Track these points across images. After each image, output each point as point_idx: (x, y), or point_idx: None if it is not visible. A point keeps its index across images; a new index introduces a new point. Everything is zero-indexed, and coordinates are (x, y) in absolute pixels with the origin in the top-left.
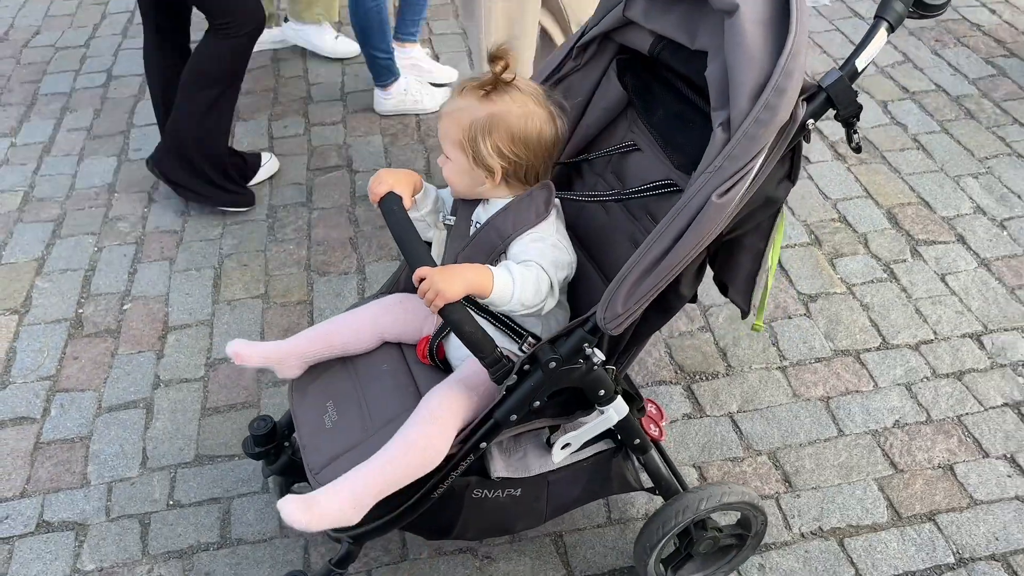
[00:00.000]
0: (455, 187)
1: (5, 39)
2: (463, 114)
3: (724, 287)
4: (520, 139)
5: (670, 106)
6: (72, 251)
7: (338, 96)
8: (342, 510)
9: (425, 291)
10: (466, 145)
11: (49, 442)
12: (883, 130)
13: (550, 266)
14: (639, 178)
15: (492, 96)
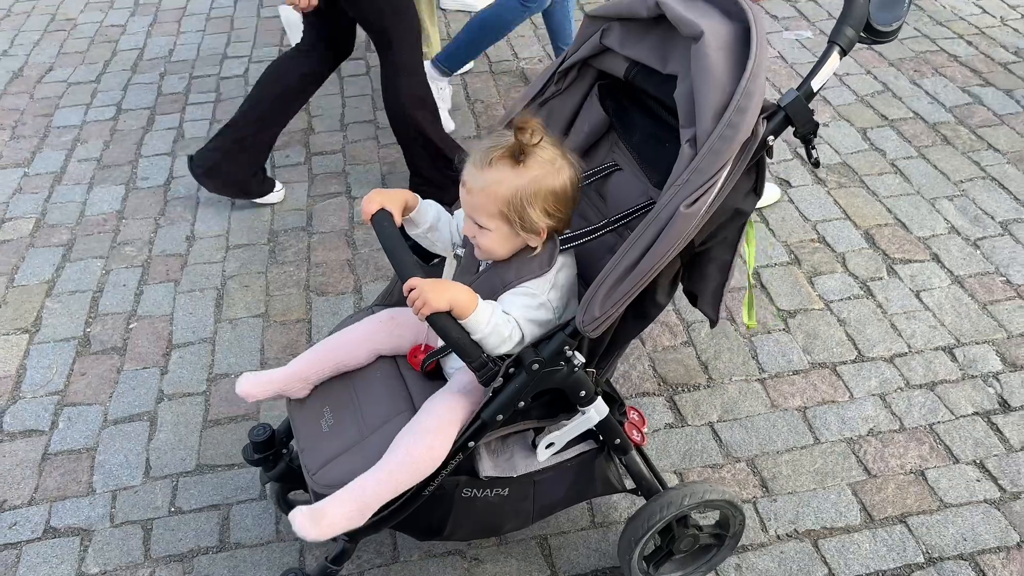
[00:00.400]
0: (496, 254)
1: (20, 75)
2: (502, 186)
3: (694, 297)
4: (561, 196)
5: (647, 128)
6: (81, 274)
7: (338, 127)
8: (349, 518)
9: (414, 299)
10: (511, 215)
11: (56, 453)
12: (862, 155)
13: (526, 323)
14: (620, 196)
15: (526, 162)
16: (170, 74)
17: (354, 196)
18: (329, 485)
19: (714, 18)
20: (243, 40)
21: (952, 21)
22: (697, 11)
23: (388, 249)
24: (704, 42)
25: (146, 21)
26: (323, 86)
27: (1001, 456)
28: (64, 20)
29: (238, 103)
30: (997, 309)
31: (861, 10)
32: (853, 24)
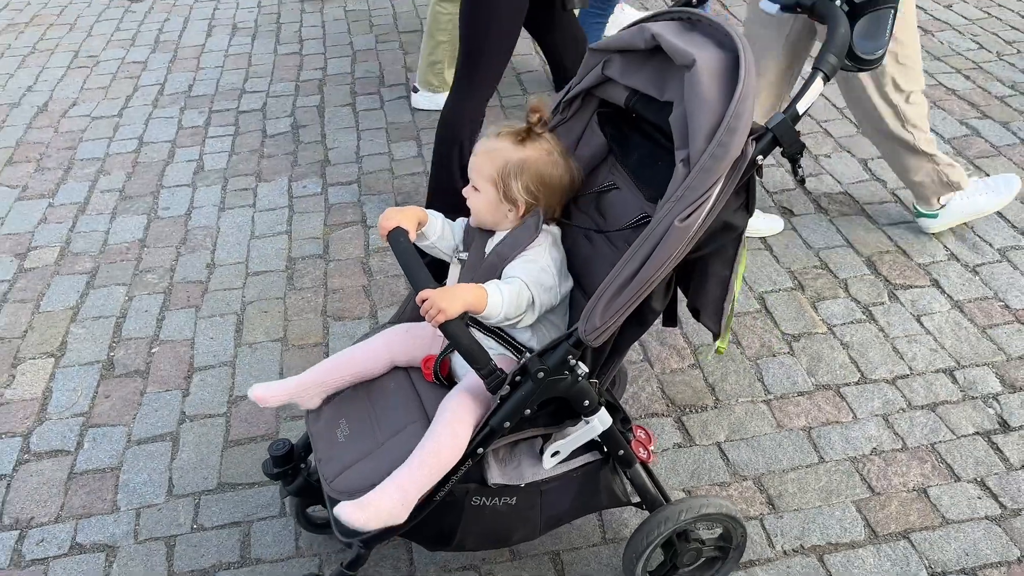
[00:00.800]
0: (479, 215)
1: (44, 110)
2: (498, 155)
3: (696, 312)
4: (546, 182)
5: (643, 150)
6: (104, 300)
7: (354, 159)
8: (392, 507)
9: (427, 310)
10: (498, 181)
11: (82, 472)
12: (863, 185)
13: (533, 284)
14: (618, 212)
15: (526, 143)
16: (190, 108)
17: (369, 225)
18: (345, 491)
19: (706, 48)
20: (260, 76)
21: (949, 56)
22: (690, 42)
23: (404, 264)
24: (697, 69)
25: (166, 58)
26: (338, 120)
27: (1001, 474)
28: (87, 57)
29: (257, 136)
30: (996, 333)
31: (843, 39)
32: (836, 51)
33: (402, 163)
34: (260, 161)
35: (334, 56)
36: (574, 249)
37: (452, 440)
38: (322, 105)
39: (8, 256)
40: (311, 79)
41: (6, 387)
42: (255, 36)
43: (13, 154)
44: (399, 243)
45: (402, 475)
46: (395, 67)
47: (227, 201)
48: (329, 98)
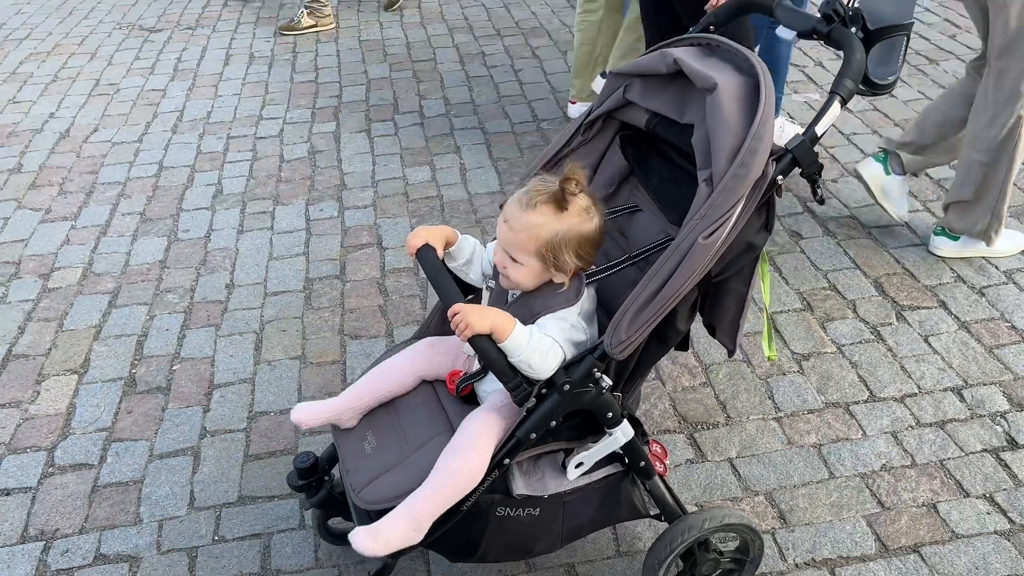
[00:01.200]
0: (524, 286)
1: (67, 136)
2: (542, 229)
3: (712, 329)
4: (591, 241)
5: (664, 172)
6: (126, 319)
7: (369, 184)
8: (404, 533)
9: (457, 323)
10: (547, 255)
11: (105, 485)
12: (870, 210)
13: (565, 342)
14: (641, 233)
15: (567, 209)
16: (208, 134)
17: (385, 247)
18: (372, 502)
19: (727, 72)
20: (277, 103)
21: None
22: (711, 66)
23: (433, 279)
24: (718, 93)
25: (185, 85)
26: (354, 145)
27: (1010, 490)
28: (107, 85)
29: (274, 161)
30: (1003, 352)
31: (860, 64)
32: (852, 76)
33: (416, 187)
34: (277, 185)
35: (349, 84)
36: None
37: (466, 467)
38: (338, 131)
39: (32, 276)
40: (327, 106)
41: (31, 403)
42: (271, 65)
43: (36, 178)
44: (428, 259)
45: (415, 501)
46: (409, 95)
47: (245, 224)
48: (344, 124)
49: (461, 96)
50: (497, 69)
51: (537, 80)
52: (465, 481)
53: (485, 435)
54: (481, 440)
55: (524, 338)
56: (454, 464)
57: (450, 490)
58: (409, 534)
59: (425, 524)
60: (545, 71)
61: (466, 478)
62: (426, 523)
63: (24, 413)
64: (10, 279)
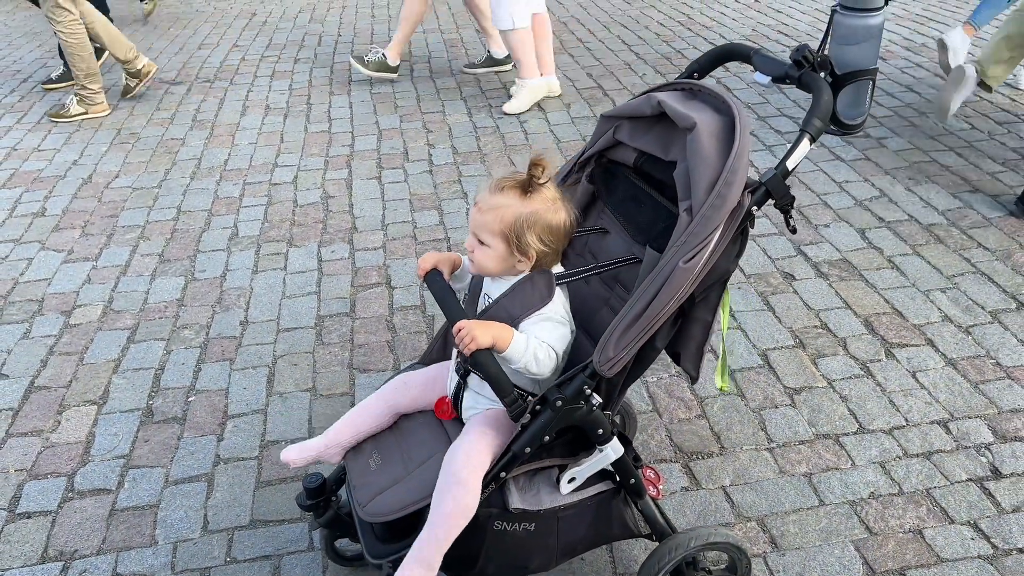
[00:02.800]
0: (487, 269)
1: (89, 182)
2: (507, 211)
3: (676, 356)
4: (554, 230)
5: (625, 193)
6: (144, 354)
7: (379, 227)
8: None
9: (462, 337)
10: (510, 236)
11: (122, 509)
12: (861, 253)
13: (557, 342)
14: (608, 253)
15: (532, 195)
16: (225, 181)
17: (393, 286)
18: (376, 515)
19: (706, 112)
20: (292, 151)
21: (943, 136)
22: (692, 107)
23: (440, 299)
24: (698, 131)
25: (203, 135)
26: (365, 191)
27: (993, 517)
28: (128, 134)
29: (288, 206)
30: (988, 388)
31: (827, 105)
32: (820, 116)
33: (424, 230)
34: (291, 228)
35: (361, 134)
36: (572, 292)
37: (457, 508)
38: (350, 178)
39: (55, 313)
40: (339, 155)
41: (52, 432)
42: (287, 116)
43: (60, 221)
44: (435, 281)
45: (420, 545)
46: (418, 143)
47: (260, 264)
48: (356, 171)
49: (468, 145)
50: (503, 120)
51: (541, 130)
52: (462, 518)
53: (471, 466)
54: (468, 474)
55: (522, 345)
56: (447, 507)
57: (449, 530)
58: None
59: (436, 563)
60: (549, 121)
61: (462, 515)
62: (436, 561)
63: (46, 441)
64: (34, 316)
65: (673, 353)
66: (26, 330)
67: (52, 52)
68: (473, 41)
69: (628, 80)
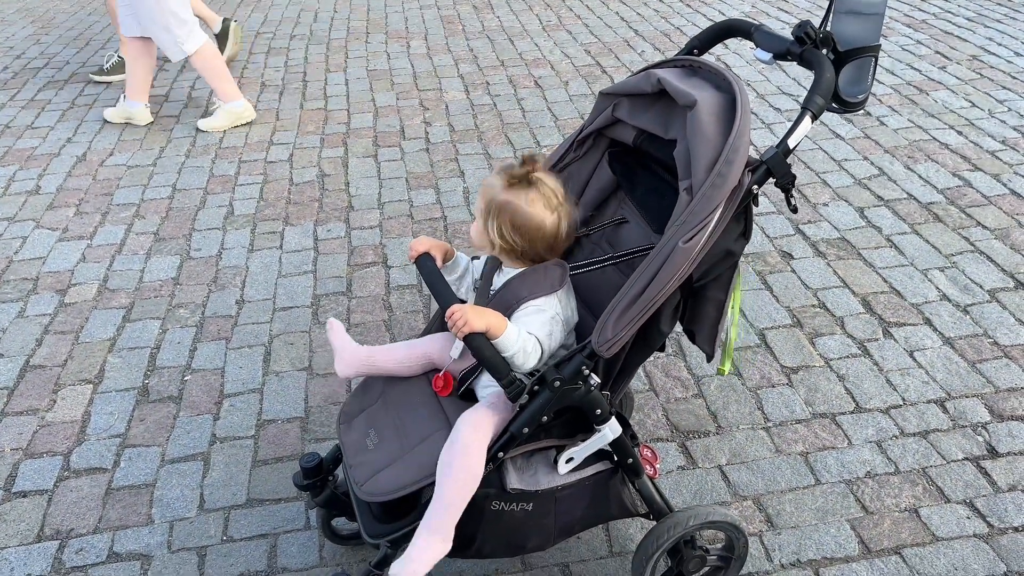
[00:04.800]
0: (474, 241)
1: (83, 160)
2: (490, 191)
3: (692, 335)
4: (519, 229)
5: (648, 184)
6: (140, 333)
7: (376, 206)
8: (434, 549)
9: (455, 320)
10: (485, 214)
11: (118, 488)
12: (860, 232)
13: (545, 337)
14: (626, 243)
15: (514, 187)
16: (220, 159)
17: (390, 265)
18: (374, 494)
19: (706, 90)
20: (287, 129)
21: (943, 113)
22: (692, 85)
23: (431, 283)
24: (698, 109)
25: (198, 112)
26: (362, 169)
27: (989, 496)
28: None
29: (284, 184)
30: (985, 367)
31: (829, 82)
32: (822, 93)
33: (421, 209)
34: (287, 207)
35: (357, 112)
36: (585, 278)
37: (466, 473)
38: (346, 156)
39: (50, 292)
40: (335, 132)
41: (47, 411)
42: (282, 93)
43: (54, 200)
44: (426, 266)
45: (431, 517)
46: (415, 121)
47: (256, 243)
48: (352, 150)
49: (465, 123)
50: (500, 98)
51: (539, 108)
52: (473, 482)
53: (478, 436)
54: (475, 441)
55: (514, 336)
56: (458, 473)
57: (460, 496)
58: (439, 547)
59: (450, 533)
60: (547, 99)
61: (473, 479)
62: (450, 531)
63: (41, 420)
64: (28, 294)
65: (689, 332)
66: (21, 309)
67: (46, 29)
68: (469, 16)
69: (626, 57)
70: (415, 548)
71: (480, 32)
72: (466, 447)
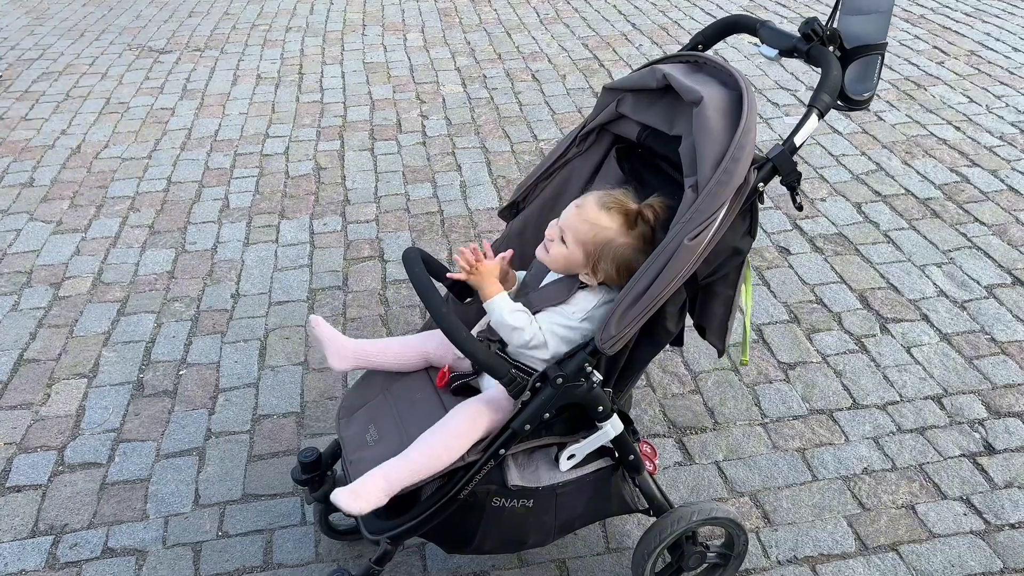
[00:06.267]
0: (555, 264)
1: (77, 152)
2: (604, 232)
3: (702, 330)
4: (631, 269)
5: (657, 184)
6: (135, 327)
7: (372, 199)
8: (377, 494)
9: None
10: (592, 254)
11: (113, 483)
12: (857, 227)
13: (550, 335)
14: None
15: (634, 229)
16: (216, 151)
17: (386, 260)
18: None
19: (712, 86)
20: (283, 122)
21: (941, 109)
22: (698, 81)
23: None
24: (704, 105)
25: (193, 105)
26: (358, 163)
27: (986, 493)
28: (118, 104)
29: (280, 178)
30: (982, 363)
31: (835, 80)
32: (829, 91)
33: (418, 203)
34: (283, 200)
35: (353, 104)
36: None
37: (444, 452)
38: (342, 149)
39: (44, 285)
40: (332, 125)
41: (42, 405)
42: (278, 85)
43: (48, 192)
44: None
45: (390, 466)
46: (411, 114)
47: (251, 237)
48: (349, 143)
49: (462, 117)
50: (497, 91)
51: (536, 102)
52: (439, 462)
53: (471, 426)
54: (465, 429)
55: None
56: (436, 444)
57: (424, 467)
58: (381, 496)
59: (395, 488)
60: (545, 93)
61: (441, 460)
62: (395, 488)
63: (35, 414)
64: (22, 287)
65: (699, 327)
66: (15, 302)
67: (40, 20)
68: (467, 9)
69: (624, 51)
70: (364, 487)
71: (477, 25)
72: (455, 430)
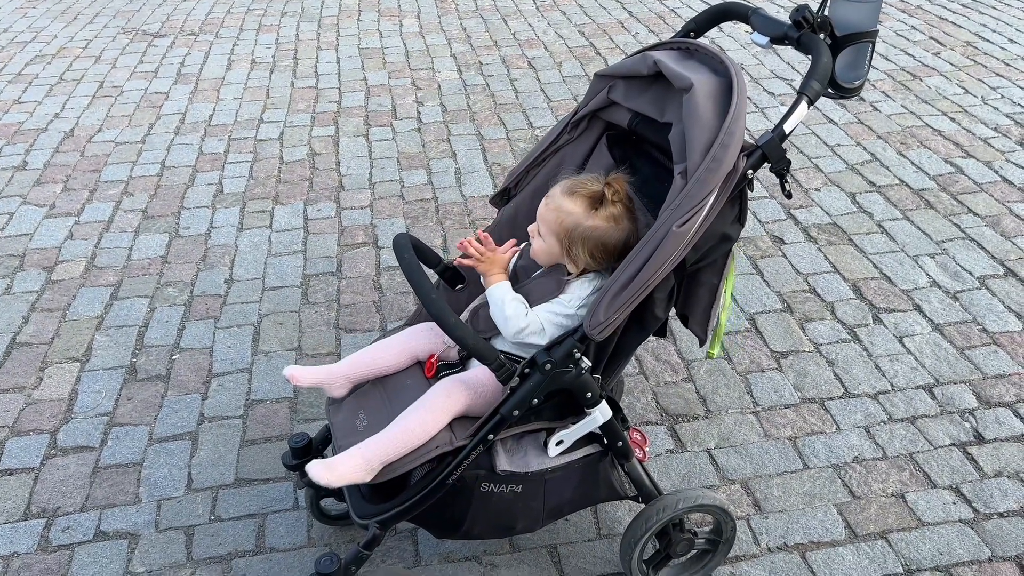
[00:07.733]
0: (538, 259)
1: (71, 136)
2: (569, 218)
3: (685, 318)
4: (608, 248)
5: (647, 170)
6: (128, 311)
7: (366, 185)
8: (355, 470)
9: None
10: (564, 241)
11: (106, 467)
12: (851, 217)
13: (548, 323)
14: None
15: (599, 210)
16: (210, 136)
17: (381, 246)
18: None
19: (703, 73)
20: (278, 107)
21: (936, 100)
22: (689, 68)
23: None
24: (694, 92)
25: (187, 89)
26: (353, 149)
27: (975, 482)
28: (111, 87)
29: (274, 163)
30: (974, 354)
31: (826, 68)
32: (819, 78)
33: (412, 189)
34: (277, 185)
35: (348, 90)
36: None
37: (420, 428)
38: (336, 135)
39: (36, 269)
40: (326, 111)
41: (34, 389)
42: (273, 70)
43: (41, 176)
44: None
45: (369, 444)
46: (406, 100)
47: (245, 222)
48: (343, 129)
49: (458, 103)
50: (493, 78)
51: (532, 89)
52: (416, 438)
53: (445, 400)
54: (440, 404)
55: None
56: (412, 422)
57: (402, 443)
58: (359, 472)
59: (375, 466)
60: (540, 80)
61: (418, 436)
62: (376, 465)
63: (28, 398)
64: (15, 271)
65: (682, 315)
66: (7, 286)
67: (33, 2)
68: None
69: (620, 39)
70: (340, 463)
71: (473, 11)
72: (429, 405)
